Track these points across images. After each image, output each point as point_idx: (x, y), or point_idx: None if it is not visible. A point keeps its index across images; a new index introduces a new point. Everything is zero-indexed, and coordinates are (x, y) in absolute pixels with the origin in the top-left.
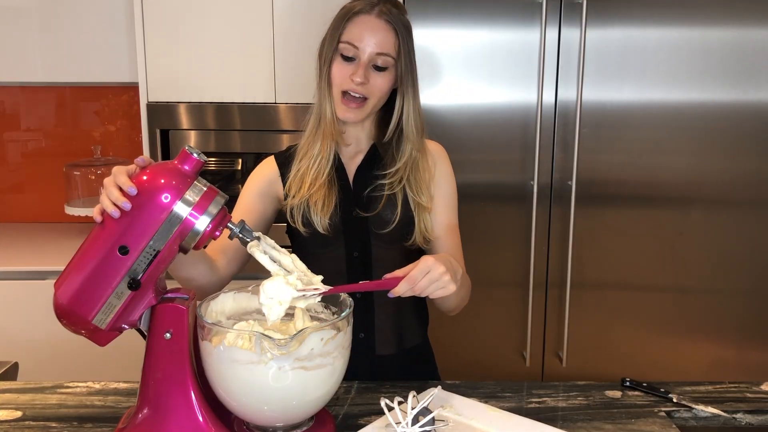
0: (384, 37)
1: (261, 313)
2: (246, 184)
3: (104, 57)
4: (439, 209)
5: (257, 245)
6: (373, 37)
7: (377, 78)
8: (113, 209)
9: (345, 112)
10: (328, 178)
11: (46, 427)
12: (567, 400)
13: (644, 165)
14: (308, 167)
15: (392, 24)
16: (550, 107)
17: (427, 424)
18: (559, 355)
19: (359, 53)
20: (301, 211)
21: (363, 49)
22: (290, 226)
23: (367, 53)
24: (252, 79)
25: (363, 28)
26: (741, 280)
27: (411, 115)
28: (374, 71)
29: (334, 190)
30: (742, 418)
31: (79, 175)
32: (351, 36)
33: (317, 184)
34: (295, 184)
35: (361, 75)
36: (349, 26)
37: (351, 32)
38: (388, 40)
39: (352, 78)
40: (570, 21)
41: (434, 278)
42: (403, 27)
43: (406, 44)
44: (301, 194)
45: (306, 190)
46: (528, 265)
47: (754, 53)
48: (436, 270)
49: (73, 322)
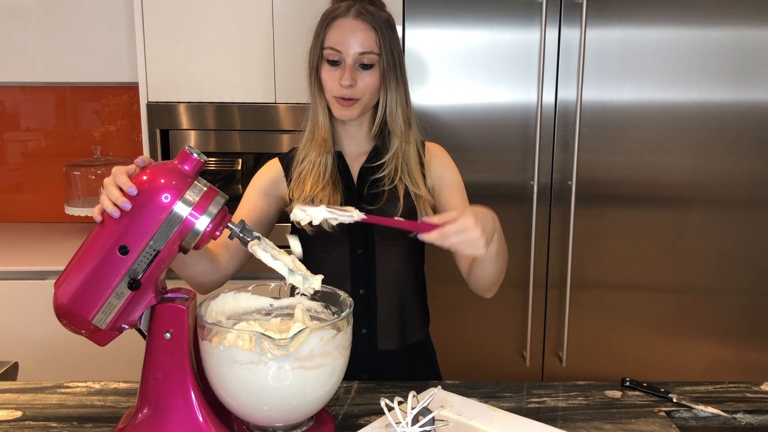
0: (365, 36)
1: (261, 313)
2: (250, 184)
3: (104, 57)
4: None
5: (258, 243)
6: (353, 39)
7: (365, 77)
8: (113, 209)
9: (341, 111)
10: (332, 180)
11: (46, 427)
12: (567, 400)
13: (644, 165)
14: (308, 171)
15: (370, 22)
16: (550, 107)
17: (427, 424)
18: (559, 355)
19: (343, 56)
20: None
21: (346, 52)
22: (295, 227)
23: (351, 55)
24: (252, 79)
25: (342, 31)
26: (741, 280)
27: (395, 108)
28: (361, 70)
29: (338, 189)
30: (742, 418)
31: (79, 175)
32: (333, 41)
33: (320, 186)
34: (297, 189)
35: (348, 78)
36: (330, 32)
37: (332, 37)
38: (368, 39)
39: (340, 83)
40: (570, 21)
41: (468, 239)
42: (383, 23)
43: (387, 39)
44: (303, 196)
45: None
46: (528, 265)
47: (754, 53)
48: (471, 233)
49: (73, 322)
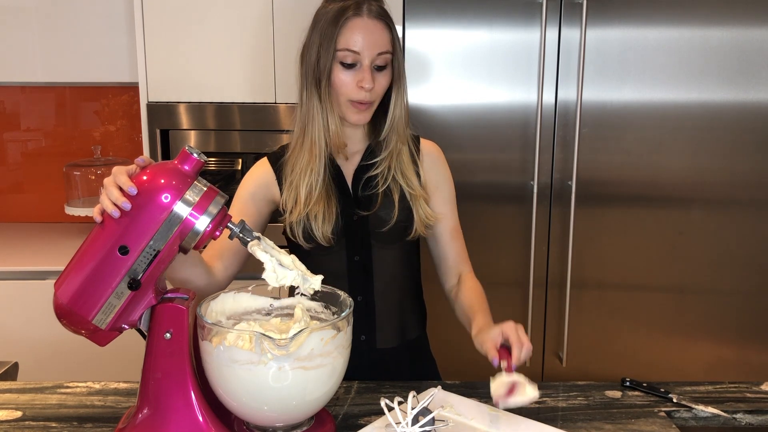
0: (381, 36)
1: (261, 313)
2: (240, 188)
3: (104, 57)
4: (444, 212)
5: (258, 244)
6: (371, 39)
7: (380, 78)
8: (113, 209)
9: (356, 115)
10: (325, 187)
11: (46, 427)
12: (567, 400)
13: (644, 165)
14: (300, 180)
15: (384, 20)
16: (550, 107)
17: (427, 424)
18: (559, 355)
19: (360, 58)
20: (302, 226)
21: (363, 54)
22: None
23: (369, 57)
24: (252, 79)
25: (358, 31)
26: (741, 280)
27: (401, 108)
28: (376, 72)
29: (333, 199)
30: (742, 418)
31: (79, 175)
32: (348, 42)
33: (314, 197)
34: (290, 199)
35: (369, 80)
36: (344, 32)
37: (347, 38)
38: (384, 38)
39: (361, 86)
40: (570, 21)
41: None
42: (390, 19)
43: (396, 38)
44: (298, 210)
45: (303, 206)
46: (528, 265)
47: (754, 53)
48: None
49: (73, 322)
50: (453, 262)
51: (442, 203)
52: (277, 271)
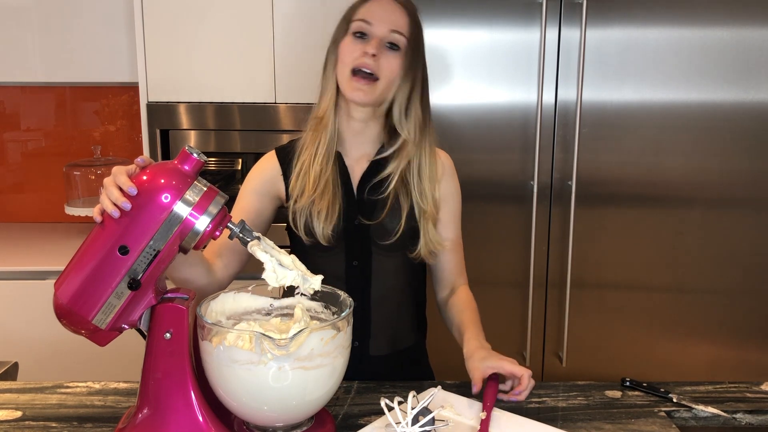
0: (399, 17)
1: (261, 313)
2: (245, 182)
3: (104, 57)
4: (448, 225)
5: (258, 244)
6: (387, 15)
7: (389, 57)
8: (113, 209)
9: (354, 91)
10: (332, 181)
11: (46, 427)
12: (567, 400)
13: (644, 165)
14: (310, 163)
15: (406, 8)
16: (550, 107)
17: (427, 424)
18: (559, 355)
19: (372, 29)
20: (304, 219)
21: (376, 25)
22: (291, 229)
23: (381, 29)
24: (252, 79)
25: (377, 7)
26: (741, 280)
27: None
28: (386, 50)
29: (337, 197)
30: (742, 418)
31: (79, 175)
32: (364, 14)
33: (321, 186)
34: (298, 184)
35: (374, 47)
36: (362, 7)
37: (364, 11)
38: (402, 20)
39: (364, 50)
40: (570, 21)
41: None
42: (415, 13)
43: (416, 30)
44: (305, 197)
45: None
46: (528, 265)
47: (754, 53)
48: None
49: (73, 322)
50: (448, 274)
51: (448, 215)
52: (277, 271)
